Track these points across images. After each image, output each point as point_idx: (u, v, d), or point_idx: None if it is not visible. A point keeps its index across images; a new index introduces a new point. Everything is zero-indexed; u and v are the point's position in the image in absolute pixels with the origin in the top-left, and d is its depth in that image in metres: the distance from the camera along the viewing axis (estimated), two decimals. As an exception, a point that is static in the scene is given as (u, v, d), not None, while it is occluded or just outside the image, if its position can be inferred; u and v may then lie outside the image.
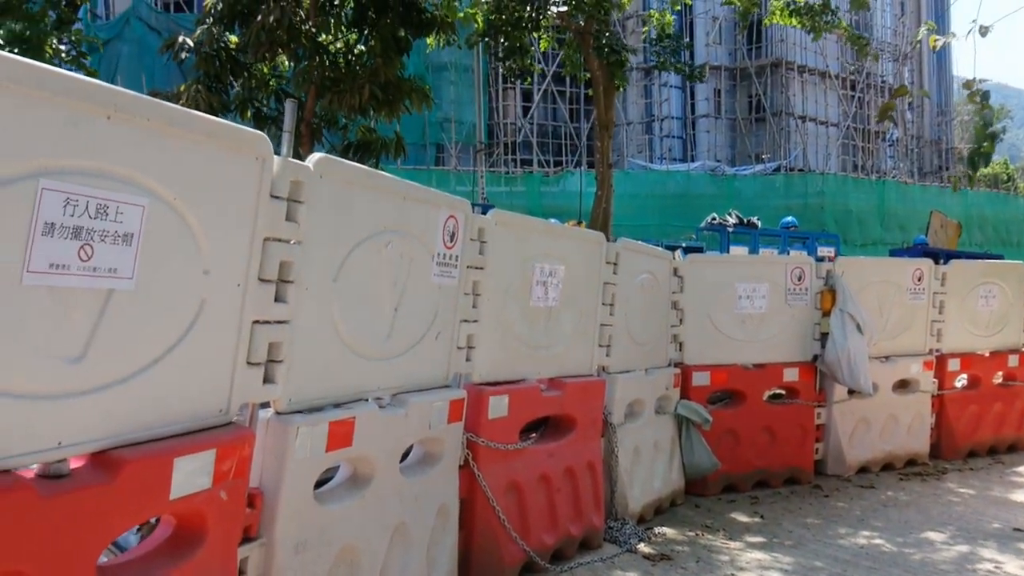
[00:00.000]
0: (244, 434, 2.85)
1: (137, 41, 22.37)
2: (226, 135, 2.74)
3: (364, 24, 8.75)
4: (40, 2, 9.03)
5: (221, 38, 8.09)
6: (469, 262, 4.28)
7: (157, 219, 2.44)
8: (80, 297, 2.23)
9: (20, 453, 2.11)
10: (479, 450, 4.29)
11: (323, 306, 3.29)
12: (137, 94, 2.38)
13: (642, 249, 6.23)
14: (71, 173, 2.16)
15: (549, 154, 31.79)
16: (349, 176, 3.45)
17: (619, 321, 5.66)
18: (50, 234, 2.11)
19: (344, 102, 7.73)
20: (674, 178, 27.39)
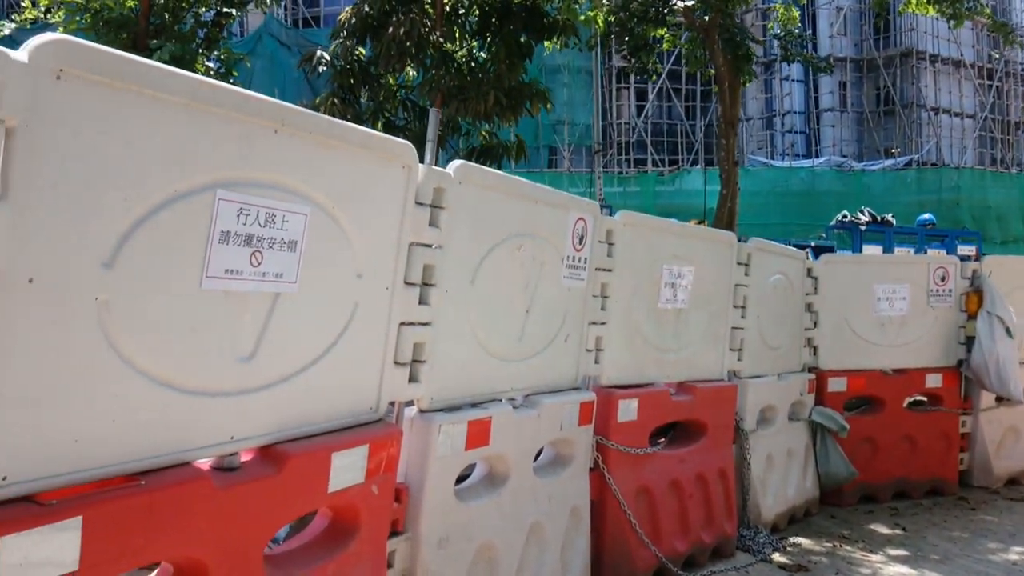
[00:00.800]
0: (393, 431, 2.97)
1: (269, 56, 23.60)
2: (377, 145, 2.86)
3: (488, 31, 8.92)
4: (190, 23, 9.71)
5: (354, 51, 8.44)
6: (598, 264, 4.28)
7: (317, 226, 2.58)
8: (251, 300, 2.38)
9: (198, 447, 2.27)
10: (609, 453, 4.28)
11: (461, 308, 3.37)
12: (301, 108, 2.52)
13: (775, 249, 6.04)
14: (243, 184, 2.31)
15: (664, 153, 31.29)
16: (486, 181, 3.52)
17: (751, 324, 5.51)
18: (226, 242, 2.26)
19: (469, 109, 7.90)
20: (797, 175, 26.37)
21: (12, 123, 1.69)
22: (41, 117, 1.75)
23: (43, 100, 1.75)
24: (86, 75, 1.83)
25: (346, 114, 8.28)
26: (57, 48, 1.77)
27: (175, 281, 2.14)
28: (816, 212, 22.57)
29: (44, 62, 1.74)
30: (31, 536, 1.79)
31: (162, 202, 2.06)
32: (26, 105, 1.71)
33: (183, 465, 2.23)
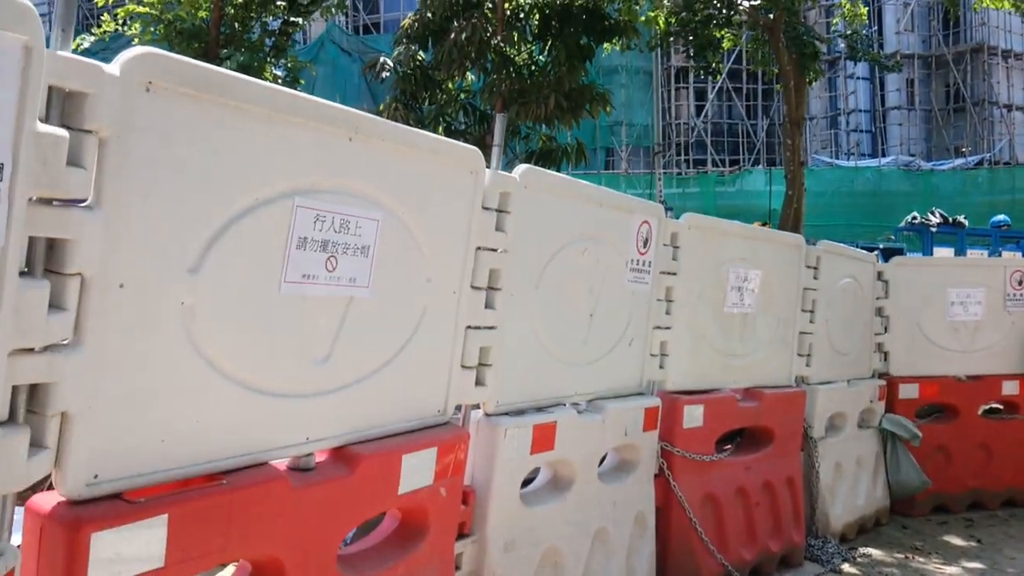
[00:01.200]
0: (460, 434, 2.99)
1: (331, 63, 24.09)
2: (447, 151, 2.89)
3: (548, 34, 8.93)
4: (258, 32, 9.98)
5: (416, 57, 8.55)
6: (662, 267, 4.23)
7: (388, 232, 2.61)
8: (326, 304, 2.43)
9: (276, 447, 2.33)
10: (674, 460, 4.24)
11: (526, 312, 3.38)
12: (374, 116, 2.57)
13: (844, 252, 5.89)
14: (319, 192, 2.36)
15: (724, 153, 30.80)
16: (550, 185, 3.52)
17: (820, 329, 5.39)
18: (303, 247, 2.31)
19: (530, 113, 7.93)
20: (863, 175, 25.66)
21: (105, 134, 1.76)
22: (132, 128, 1.82)
23: (134, 112, 1.82)
24: (174, 87, 1.90)
25: (408, 119, 8.39)
26: (147, 61, 1.84)
27: (256, 286, 2.20)
28: (883, 213, 21.92)
29: (135, 75, 1.81)
30: (120, 533, 1.86)
31: (245, 209, 2.12)
32: (118, 117, 1.77)
33: (261, 465, 2.28)
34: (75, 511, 1.81)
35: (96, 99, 1.71)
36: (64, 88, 1.67)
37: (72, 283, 1.74)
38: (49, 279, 1.69)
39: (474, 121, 9.49)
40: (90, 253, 1.74)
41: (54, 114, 1.67)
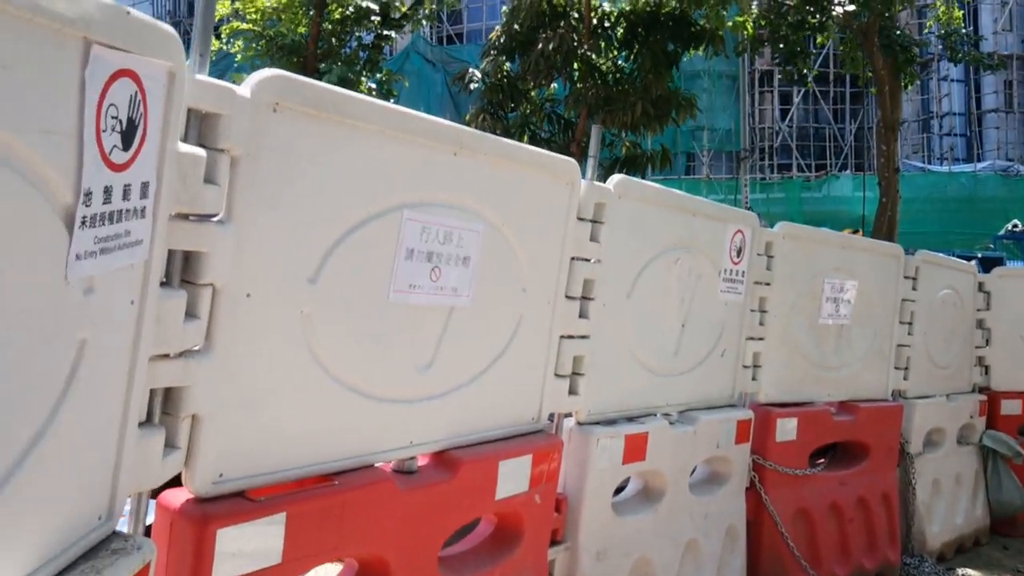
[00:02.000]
0: (554, 442, 3.02)
1: (416, 73, 24.59)
2: (545, 163, 2.93)
3: (635, 42, 8.90)
4: (353, 45, 10.31)
5: (503, 68, 8.66)
6: (756, 277, 4.17)
7: (488, 242, 2.67)
8: (430, 312, 2.50)
9: (382, 450, 2.41)
10: (766, 473, 4.16)
11: (618, 322, 3.39)
12: (477, 132, 2.63)
13: (944, 262, 5.68)
14: (426, 204, 2.43)
15: (810, 158, 29.95)
16: (644, 195, 3.52)
17: (918, 341, 5.20)
18: (410, 258, 2.39)
19: (616, 120, 7.92)
20: (957, 180, 24.55)
21: (236, 152, 1.87)
22: (260, 146, 1.92)
23: (262, 131, 1.92)
24: (298, 107, 2.00)
25: (495, 128, 8.50)
26: (275, 83, 1.94)
27: (367, 295, 2.29)
28: (979, 220, 20.96)
29: (264, 96, 1.91)
30: (243, 529, 1.96)
31: (359, 222, 2.21)
32: (249, 136, 1.88)
33: (369, 467, 2.37)
34: (203, 508, 1.92)
35: (229, 120, 1.82)
36: (201, 110, 1.78)
37: (205, 293, 1.85)
38: (185, 289, 1.80)
39: (559, 129, 9.54)
40: (221, 265, 1.85)
41: (192, 134, 1.78)
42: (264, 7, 9.33)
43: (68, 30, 1.27)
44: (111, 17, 1.36)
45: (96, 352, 1.51)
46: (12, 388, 1.29)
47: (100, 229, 1.45)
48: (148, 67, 1.51)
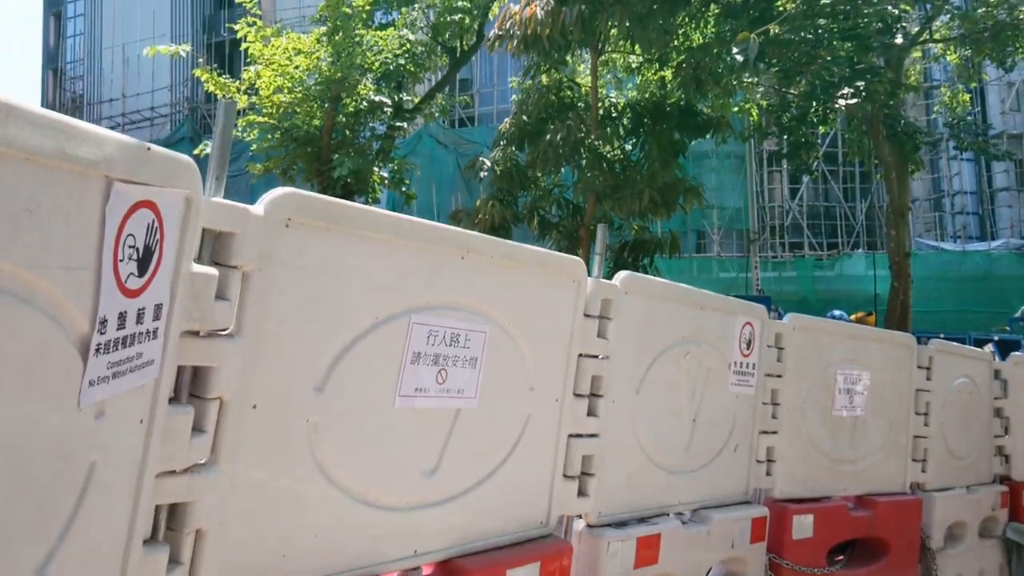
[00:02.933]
0: (564, 547, 2.97)
1: (428, 154, 25.18)
2: (551, 263, 2.98)
3: (641, 131, 9.14)
4: (366, 135, 10.62)
5: (513, 157, 8.89)
6: (767, 370, 4.15)
7: (495, 343, 2.69)
8: (435, 416, 2.51)
9: (386, 560, 2.38)
10: (783, 573, 4.05)
11: (627, 418, 3.37)
12: (484, 236, 2.69)
13: (958, 351, 5.63)
14: (433, 308, 2.47)
15: (822, 236, 30.05)
16: (651, 290, 3.55)
17: (935, 432, 5.12)
18: (417, 362, 2.41)
19: (624, 207, 8.06)
20: (972, 259, 24.50)
21: (248, 268, 1.92)
22: (272, 261, 1.98)
23: (274, 246, 1.98)
24: (310, 221, 2.06)
25: (504, 214, 8.66)
26: (288, 200, 2.01)
27: (373, 401, 2.30)
28: (995, 300, 20.83)
29: (277, 213, 1.98)
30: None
31: (367, 329, 2.24)
32: (261, 252, 1.93)
33: (372, 578, 2.33)
34: (205, 623, 1.89)
35: (242, 238, 1.88)
36: (215, 229, 1.84)
37: (212, 407, 1.87)
38: (192, 404, 1.82)
39: (567, 214, 9.70)
40: (229, 378, 1.88)
41: (205, 253, 1.84)
42: (280, 101, 9.68)
43: (91, 172, 1.33)
44: (132, 155, 1.43)
45: (105, 473, 1.52)
46: (24, 514, 1.31)
47: (113, 354, 1.48)
48: (166, 196, 1.57)
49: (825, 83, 8.13)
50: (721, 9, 8.85)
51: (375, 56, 9.87)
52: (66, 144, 1.25)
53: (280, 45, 9.38)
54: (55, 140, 1.22)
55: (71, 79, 33.81)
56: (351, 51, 9.21)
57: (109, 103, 31.58)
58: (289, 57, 9.41)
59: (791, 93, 9.11)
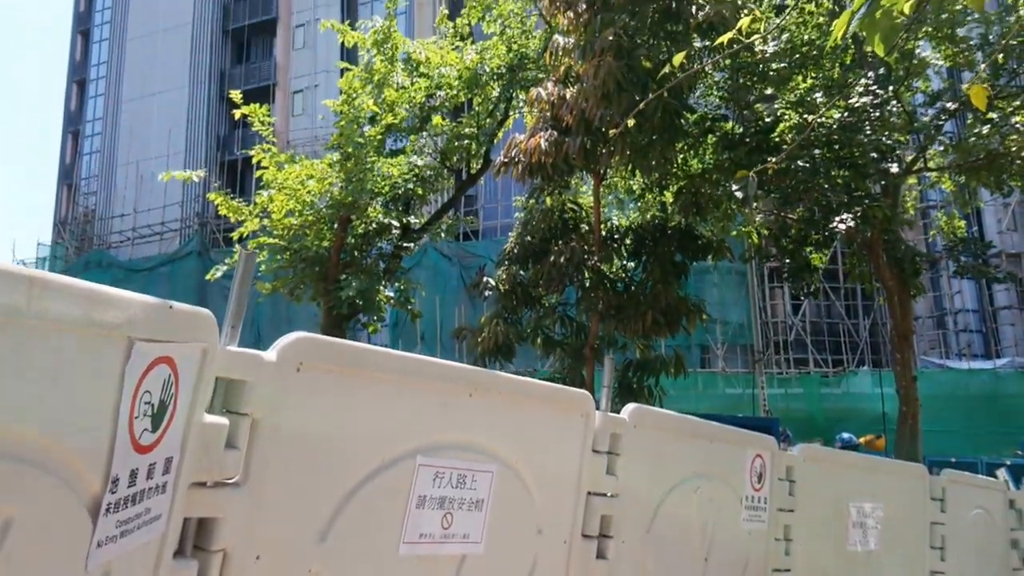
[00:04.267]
0: None
1: (432, 267, 25.54)
2: (560, 398, 2.97)
3: (643, 252, 9.32)
4: (373, 254, 10.85)
5: (516, 276, 9.03)
6: (779, 503, 4.06)
7: (502, 483, 2.65)
8: (440, 563, 2.44)
9: None
10: None
11: (638, 560, 3.27)
12: (492, 372, 2.70)
13: (972, 481, 5.53)
14: (440, 448, 2.44)
15: (826, 353, 29.99)
16: (660, 423, 3.53)
17: (951, 566, 4.95)
18: (422, 506, 2.36)
19: (628, 328, 8.12)
20: (978, 378, 24.31)
21: (258, 416, 1.92)
22: (281, 406, 1.98)
23: (284, 392, 1.98)
24: (320, 365, 2.07)
25: (508, 333, 8.71)
26: (300, 345, 2.03)
27: (376, 548, 2.24)
28: (1004, 418, 20.56)
29: (289, 359, 1.99)
30: None
31: (372, 472, 2.21)
32: (272, 398, 1.94)
33: None
34: None
35: (254, 385, 1.89)
36: (228, 377, 1.86)
37: (216, 559, 1.82)
38: (197, 558, 1.78)
39: (571, 332, 9.74)
40: (234, 530, 1.84)
41: (217, 401, 1.84)
42: (291, 224, 9.93)
43: (114, 334, 1.36)
44: (154, 314, 1.46)
45: (101, 636, 1.47)
46: None
47: (123, 512, 1.46)
48: (184, 350, 1.59)
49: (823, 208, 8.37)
50: (719, 139, 9.22)
51: (385, 181, 10.20)
52: (93, 310, 1.28)
53: (293, 172, 9.72)
54: (83, 308, 1.26)
55: (85, 194, 34.75)
56: (362, 176, 9.54)
57: (121, 218, 32.32)
58: (302, 181, 9.73)
59: (790, 217, 9.34)
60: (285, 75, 32.26)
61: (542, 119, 8.74)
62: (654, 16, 7.80)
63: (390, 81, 11.10)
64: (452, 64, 11.51)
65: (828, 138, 8.21)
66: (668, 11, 7.72)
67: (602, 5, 8.01)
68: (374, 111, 10.65)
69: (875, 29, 2.78)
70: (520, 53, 11.80)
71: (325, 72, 30.86)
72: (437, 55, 11.48)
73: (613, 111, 7.62)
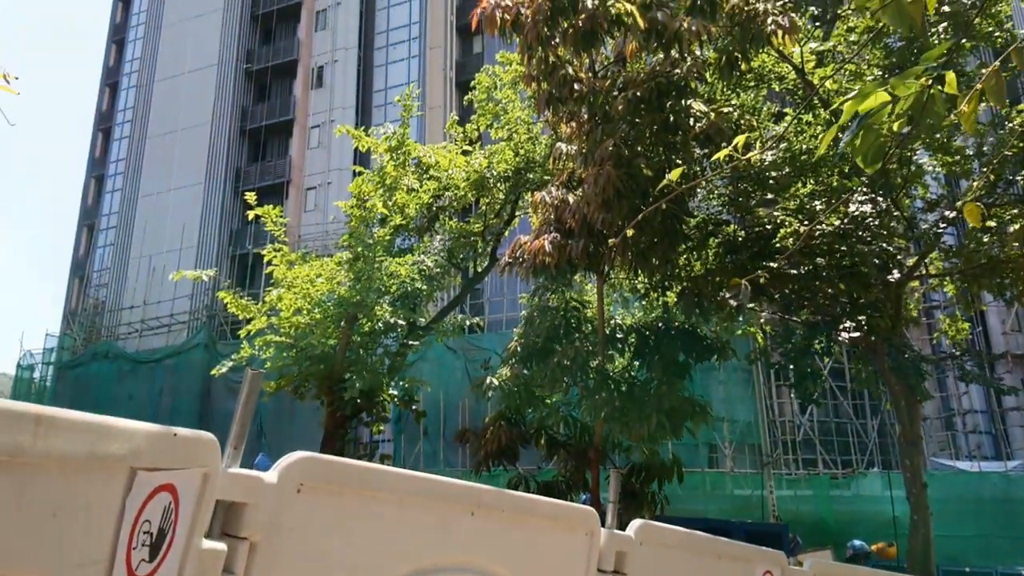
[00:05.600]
0: None
1: (437, 360, 25.40)
2: (565, 515, 2.93)
3: (646, 352, 9.32)
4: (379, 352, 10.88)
5: (520, 376, 9.02)
6: (789, 623, 3.93)
7: (504, 607, 2.58)
8: None
9: None
10: None
11: None
12: (495, 490, 2.66)
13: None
14: (440, 570, 2.39)
15: (835, 453, 29.46)
16: (666, 540, 3.46)
17: None
18: (421, 632, 2.29)
19: (632, 432, 8.04)
20: (989, 480, 23.71)
21: (256, 538, 1.89)
22: (280, 528, 1.95)
23: (284, 513, 1.96)
24: (321, 485, 2.06)
25: (512, 433, 8.62)
26: (301, 466, 2.02)
27: None
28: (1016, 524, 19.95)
29: (290, 480, 1.98)
30: None
31: (369, 598, 2.16)
32: (271, 520, 1.92)
33: None
34: None
35: (254, 508, 1.87)
36: (228, 500, 1.84)
37: None
38: None
39: (575, 432, 9.64)
40: (226, 662, 1.79)
41: (216, 525, 1.82)
42: (299, 323, 10.02)
43: (117, 465, 1.36)
44: (158, 443, 1.47)
45: None
46: None
47: (111, 649, 1.43)
48: (185, 476, 1.59)
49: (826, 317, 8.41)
50: (721, 243, 9.35)
51: (393, 280, 10.34)
52: (97, 444, 1.30)
53: (303, 272, 9.88)
54: (88, 442, 1.27)
55: (96, 286, 35.13)
56: (371, 275, 9.69)
57: (130, 310, 32.56)
58: (311, 280, 9.88)
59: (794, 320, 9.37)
60: (300, 173, 33.12)
61: (546, 221, 8.93)
62: (653, 127, 8.07)
63: (401, 184, 11.42)
64: (460, 167, 11.85)
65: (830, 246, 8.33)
66: (666, 123, 7.98)
67: (603, 116, 8.30)
68: (384, 213, 10.92)
69: (861, 147, 2.84)
70: (526, 157, 12.16)
71: (339, 170, 31.71)
72: (446, 159, 11.84)
73: (614, 216, 7.79)
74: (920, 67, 2.68)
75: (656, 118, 8.03)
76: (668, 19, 7.18)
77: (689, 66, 8.15)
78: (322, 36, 35.14)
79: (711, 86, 9.47)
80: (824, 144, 3.21)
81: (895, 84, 2.69)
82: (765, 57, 9.50)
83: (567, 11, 7.43)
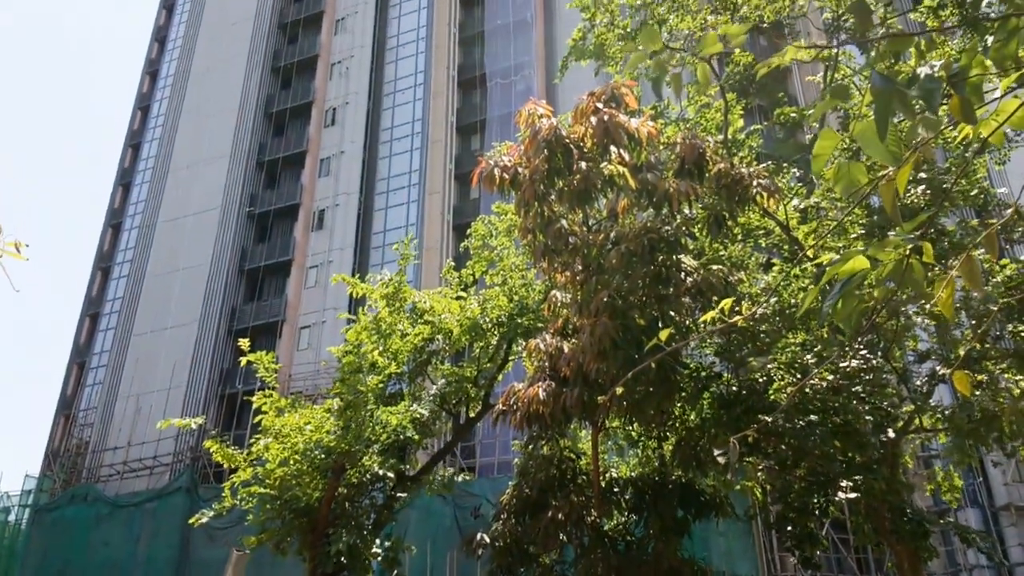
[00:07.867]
0: None
1: (425, 508, 24.50)
2: None
3: (643, 507, 9.07)
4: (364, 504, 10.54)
5: (514, 532, 8.72)
6: None
7: None
8: None
9: None
10: None
11: None
12: None
13: None
14: None
15: (843, 611, 28.06)
16: None
17: None
18: None
19: (629, 595, 7.70)
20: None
21: None
22: None
23: None
24: None
25: (506, 596, 8.24)
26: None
27: None
28: None
29: None
30: None
31: None
32: None
33: None
34: None
35: None
36: None
37: None
38: None
39: (571, 596, 9.22)
40: None
41: None
42: (284, 473, 9.78)
43: None
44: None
45: None
46: None
47: None
48: None
49: (820, 477, 8.29)
50: (714, 398, 9.32)
51: (383, 429, 10.18)
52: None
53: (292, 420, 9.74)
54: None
55: (81, 425, 34.36)
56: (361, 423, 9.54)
57: (113, 451, 31.67)
58: (299, 428, 9.71)
59: (791, 476, 9.18)
60: (295, 311, 33.31)
61: (540, 369, 8.93)
62: (645, 279, 8.24)
63: (395, 330, 11.47)
64: (453, 313, 11.95)
65: (823, 403, 8.33)
66: (658, 276, 8.16)
67: (596, 268, 8.50)
68: (377, 361, 10.90)
69: (842, 312, 2.84)
70: (520, 303, 12.28)
71: (334, 309, 31.86)
72: (440, 304, 11.96)
73: (609, 366, 7.80)
74: (898, 237, 2.75)
75: (648, 271, 8.20)
76: (658, 180, 7.50)
77: (679, 223, 8.43)
78: (325, 182, 36.35)
79: (700, 241, 9.76)
80: (806, 304, 3.25)
81: (875, 251, 2.74)
82: (751, 214, 9.85)
83: (563, 172, 7.77)
